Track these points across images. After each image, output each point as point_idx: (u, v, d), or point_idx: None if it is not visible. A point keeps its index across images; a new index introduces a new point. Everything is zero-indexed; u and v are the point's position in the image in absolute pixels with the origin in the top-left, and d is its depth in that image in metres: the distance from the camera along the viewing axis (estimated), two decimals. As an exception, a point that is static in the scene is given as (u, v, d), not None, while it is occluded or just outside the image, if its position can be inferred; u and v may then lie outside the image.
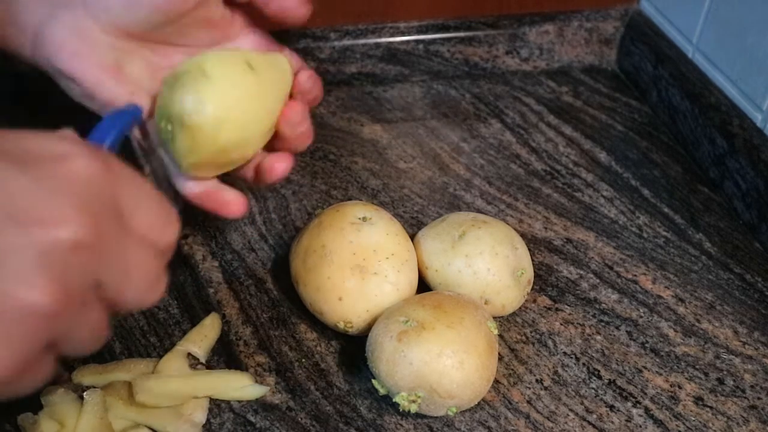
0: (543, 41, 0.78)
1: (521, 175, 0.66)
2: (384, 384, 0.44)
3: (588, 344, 0.51)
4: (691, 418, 0.46)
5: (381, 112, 0.74)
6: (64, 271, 0.27)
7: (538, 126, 0.72)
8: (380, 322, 0.45)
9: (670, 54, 0.72)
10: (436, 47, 0.77)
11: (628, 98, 0.77)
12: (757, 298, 0.54)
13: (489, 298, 0.49)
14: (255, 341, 0.50)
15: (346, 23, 0.75)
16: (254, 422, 0.45)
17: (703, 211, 0.62)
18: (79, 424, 0.43)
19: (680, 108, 0.70)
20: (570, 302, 0.54)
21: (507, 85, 0.78)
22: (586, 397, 0.47)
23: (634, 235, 0.60)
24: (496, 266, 0.49)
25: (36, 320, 0.26)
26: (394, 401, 0.43)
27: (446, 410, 0.43)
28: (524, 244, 0.51)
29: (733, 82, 0.64)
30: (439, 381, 0.42)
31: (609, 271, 0.56)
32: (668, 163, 0.68)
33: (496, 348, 0.45)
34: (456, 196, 0.63)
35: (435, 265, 0.50)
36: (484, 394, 0.45)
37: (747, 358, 0.50)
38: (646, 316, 0.53)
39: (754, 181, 0.59)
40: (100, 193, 0.28)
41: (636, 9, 0.78)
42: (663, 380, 0.48)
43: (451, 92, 0.77)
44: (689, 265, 0.57)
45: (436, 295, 0.46)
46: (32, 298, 0.26)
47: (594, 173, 0.66)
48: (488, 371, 0.44)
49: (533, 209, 0.62)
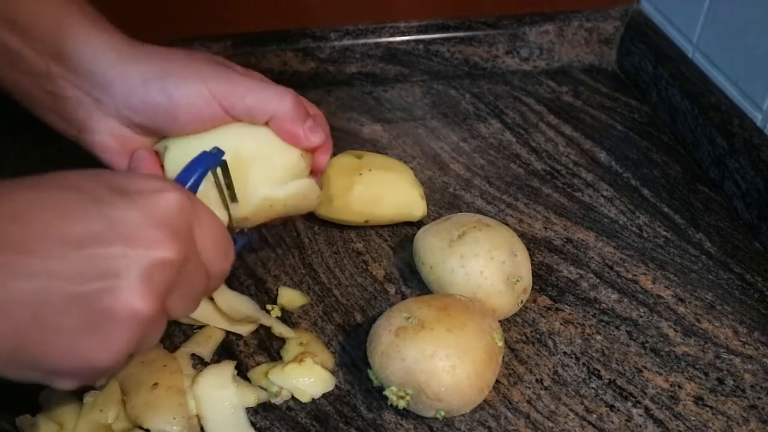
0: (543, 41, 0.78)
1: (521, 175, 0.66)
2: (377, 376, 0.44)
3: (588, 344, 0.51)
4: (691, 418, 0.46)
5: (381, 112, 0.74)
6: (159, 285, 0.33)
7: (538, 126, 0.72)
8: (384, 315, 0.45)
9: (670, 54, 0.72)
10: (436, 47, 0.77)
11: (628, 98, 0.77)
12: (757, 298, 0.54)
13: (479, 301, 0.48)
14: (255, 341, 0.50)
15: (346, 23, 0.75)
16: (254, 422, 0.45)
17: (703, 211, 0.62)
18: (79, 426, 0.43)
19: (680, 108, 0.70)
20: (570, 302, 0.54)
21: (507, 85, 0.78)
22: (586, 397, 0.47)
23: (634, 234, 0.60)
24: (489, 270, 0.48)
25: (139, 324, 0.33)
26: (383, 394, 0.43)
27: (435, 412, 0.43)
28: (526, 252, 0.51)
29: (733, 82, 0.64)
30: (427, 381, 0.42)
31: (609, 271, 0.56)
32: (668, 163, 0.68)
33: (497, 360, 0.45)
34: (456, 196, 0.63)
35: (430, 261, 0.50)
36: (476, 404, 0.45)
37: (747, 357, 0.50)
38: (646, 316, 0.53)
39: (754, 181, 0.59)
40: (184, 223, 0.35)
41: (636, 9, 0.78)
42: (663, 380, 0.48)
43: (451, 92, 0.77)
44: (689, 265, 0.57)
45: (446, 298, 0.46)
46: (138, 306, 0.32)
47: (594, 173, 0.66)
48: (481, 381, 0.43)
49: (533, 209, 0.62)
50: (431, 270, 0.50)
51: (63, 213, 0.32)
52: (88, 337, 0.32)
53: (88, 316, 0.32)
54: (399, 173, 0.58)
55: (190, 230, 0.36)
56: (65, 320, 0.31)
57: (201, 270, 0.37)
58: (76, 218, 0.32)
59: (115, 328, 0.32)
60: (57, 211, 0.32)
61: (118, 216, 0.33)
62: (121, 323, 0.32)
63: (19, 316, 0.30)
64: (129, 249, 0.32)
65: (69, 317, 0.31)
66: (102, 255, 0.32)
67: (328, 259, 0.57)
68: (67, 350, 0.32)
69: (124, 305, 0.32)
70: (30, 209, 0.32)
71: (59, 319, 0.31)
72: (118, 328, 0.32)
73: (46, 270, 0.31)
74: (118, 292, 0.32)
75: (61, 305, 0.31)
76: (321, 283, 0.55)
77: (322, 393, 0.47)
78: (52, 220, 0.32)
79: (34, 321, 0.31)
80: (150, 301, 0.33)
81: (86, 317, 0.32)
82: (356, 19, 0.75)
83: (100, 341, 0.32)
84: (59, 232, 0.31)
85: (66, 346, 0.32)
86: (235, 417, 0.45)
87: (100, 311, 0.32)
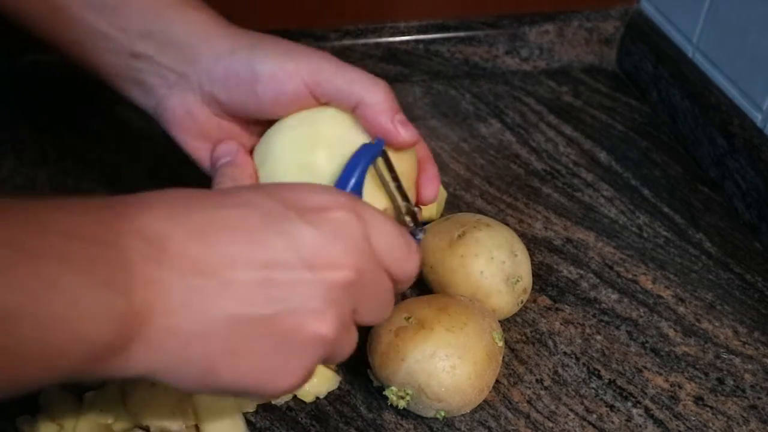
0: (543, 41, 0.78)
1: (521, 175, 0.66)
2: (377, 376, 0.44)
3: (588, 344, 0.51)
4: (691, 418, 0.46)
5: (381, 112, 0.74)
6: (341, 306, 0.33)
7: (538, 126, 0.72)
8: None
9: (670, 54, 0.72)
10: (436, 47, 0.77)
11: (628, 98, 0.77)
12: (757, 298, 0.54)
13: (479, 301, 0.49)
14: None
15: (346, 23, 0.75)
16: (254, 422, 0.45)
17: (703, 210, 0.62)
18: (78, 426, 0.43)
19: (680, 108, 0.70)
20: (570, 302, 0.54)
21: (507, 85, 0.78)
22: (586, 397, 0.47)
23: (634, 234, 0.60)
24: (490, 270, 0.48)
25: (321, 345, 0.33)
26: (383, 394, 0.43)
27: (435, 413, 0.43)
28: (526, 252, 0.51)
29: (733, 82, 0.64)
30: (427, 382, 0.42)
31: (609, 271, 0.56)
32: (668, 162, 0.68)
33: (497, 360, 0.45)
34: (456, 196, 0.63)
35: (431, 261, 0.50)
36: (476, 404, 0.45)
37: (747, 357, 0.50)
38: (646, 316, 0.53)
39: (754, 181, 0.59)
40: (357, 236, 0.34)
41: (636, 9, 0.78)
42: (663, 380, 0.48)
43: (451, 92, 0.77)
44: (689, 265, 0.57)
45: (445, 298, 0.46)
46: (322, 330, 0.32)
47: (594, 173, 0.66)
48: (481, 381, 0.43)
49: (533, 209, 0.62)
50: (431, 270, 0.50)
51: (247, 234, 0.31)
52: (274, 360, 0.32)
53: (275, 340, 0.31)
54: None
55: (366, 240, 0.34)
56: (253, 345, 0.31)
57: (383, 277, 0.36)
58: (260, 239, 0.31)
59: (301, 352, 0.32)
60: (241, 232, 0.31)
61: (297, 236, 0.32)
62: (307, 347, 0.32)
63: (212, 343, 0.30)
64: (310, 273, 0.32)
65: (256, 342, 0.31)
66: (286, 279, 0.31)
67: (328, 259, 0.57)
68: (254, 375, 0.32)
69: (309, 329, 0.32)
70: (212, 229, 0.31)
71: (248, 344, 0.31)
72: (304, 352, 0.32)
73: (238, 296, 0.30)
74: (302, 317, 0.32)
75: (250, 331, 0.31)
76: (321, 283, 0.55)
77: (327, 392, 0.47)
78: (237, 242, 0.31)
79: (225, 347, 0.31)
80: (333, 324, 0.32)
81: (273, 341, 0.31)
82: (356, 19, 0.75)
83: (287, 364, 0.32)
84: (245, 256, 0.31)
85: (254, 371, 0.32)
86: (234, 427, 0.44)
87: (287, 336, 0.32)
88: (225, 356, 0.31)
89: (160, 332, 0.29)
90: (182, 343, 0.30)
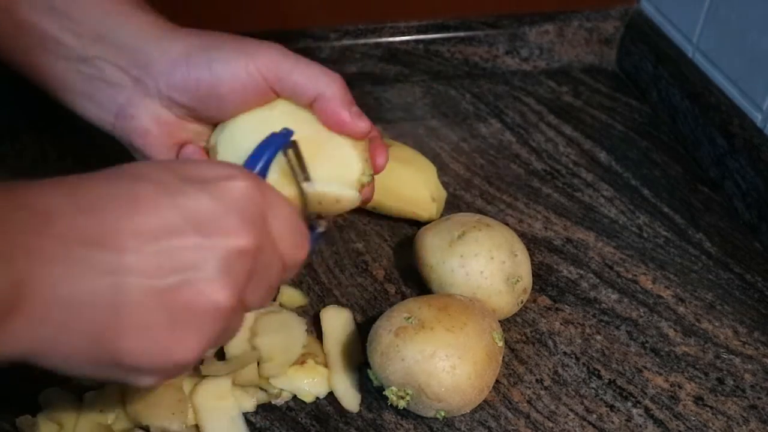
0: (543, 41, 0.78)
1: (521, 175, 0.66)
2: (377, 376, 0.44)
3: (588, 344, 0.51)
4: (691, 418, 0.46)
5: (381, 112, 0.74)
6: (237, 275, 0.32)
7: (538, 126, 0.72)
8: (384, 315, 0.45)
9: (670, 54, 0.72)
10: (436, 47, 0.77)
11: (628, 98, 0.77)
12: (757, 298, 0.54)
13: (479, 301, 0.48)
14: (255, 341, 0.50)
15: (346, 23, 0.75)
16: (254, 422, 0.45)
17: (703, 210, 0.62)
18: (78, 426, 0.43)
19: (680, 108, 0.70)
20: (570, 302, 0.54)
21: (507, 85, 0.78)
22: (586, 397, 0.47)
23: (634, 234, 0.60)
24: (490, 270, 0.48)
25: (220, 316, 0.32)
26: (383, 394, 0.43)
27: (435, 413, 0.43)
28: (526, 252, 0.51)
29: (733, 82, 0.64)
30: (427, 382, 0.42)
31: (609, 271, 0.56)
32: (668, 162, 0.68)
33: (497, 360, 0.45)
34: (456, 196, 0.63)
35: (431, 261, 0.50)
36: (476, 404, 0.45)
37: (747, 357, 0.50)
38: (646, 316, 0.53)
39: (754, 181, 0.59)
40: (256, 210, 0.34)
41: (636, 9, 0.78)
42: (663, 380, 0.48)
43: (451, 92, 0.77)
44: (689, 265, 0.57)
45: (445, 298, 0.46)
46: (219, 298, 0.32)
47: (594, 173, 0.66)
48: (481, 381, 0.43)
49: (533, 209, 0.62)
50: (431, 270, 0.50)
51: (136, 205, 0.31)
52: (168, 331, 0.31)
53: (167, 310, 0.31)
54: (417, 170, 0.57)
55: (264, 217, 0.34)
56: (144, 315, 0.30)
57: (276, 258, 0.36)
58: (150, 210, 0.31)
59: (195, 322, 0.32)
60: (130, 203, 0.31)
61: (191, 205, 0.32)
62: (202, 316, 0.32)
63: (97, 312, 0.30)
64: (204, 240, 0.31)
65: (148, 312, 0.30)
66: (178, 247, 0.31)
67: (328, 259, 0.57)
68: (147, 346, 0.31)
69: (205, 298, 0.31)
70: (102, 201, 0.31)
71: (138, 314, 0.30)
72: (198, 322, 0.32)
73: (123, 265, 0.30)
74: (197, 285, 0.31)
75: (139, 300, 0.30)
76: (321, 283, 0.55)
77: (327, 392, 0.47)
78: (126, 212, 0.31)
79: (113, 317, 0.30)
80: (230, 293, 0.32)
81: (165, 312, 0.31)
82: (356, 19, 0.75)
83: (181, 335, 0.31)
84: (134, 225, 0.31)
85: (146, 341, 0.31)
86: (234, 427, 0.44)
87: (180, 305, 0.31)
88: (113, 327, 0.30)
89: (44, 303, 0.29)
90: (67, 315, 0.29)
